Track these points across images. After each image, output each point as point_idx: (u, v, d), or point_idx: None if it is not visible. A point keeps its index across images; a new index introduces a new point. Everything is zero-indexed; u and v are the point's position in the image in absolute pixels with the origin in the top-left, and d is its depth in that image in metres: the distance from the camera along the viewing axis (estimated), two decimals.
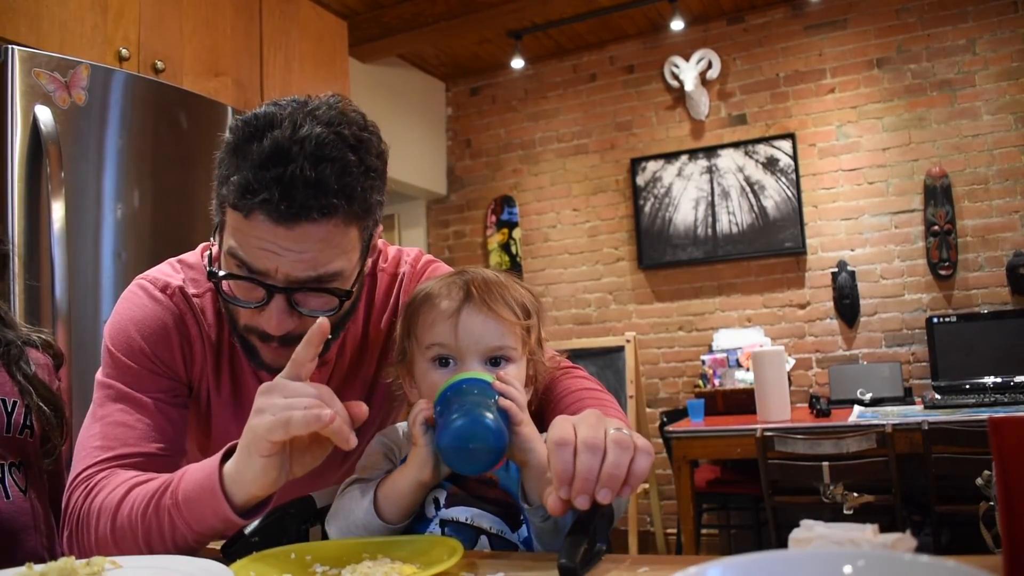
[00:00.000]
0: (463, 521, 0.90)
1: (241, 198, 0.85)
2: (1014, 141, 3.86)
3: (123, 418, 0.98)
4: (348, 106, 0.92)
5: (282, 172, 0.84)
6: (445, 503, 0.92)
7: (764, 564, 0.53)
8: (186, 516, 0.85)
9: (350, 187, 0.87)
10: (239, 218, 0.88)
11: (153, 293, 1.04)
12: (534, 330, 0.98)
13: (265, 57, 3.12)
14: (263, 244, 0.87)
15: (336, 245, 0.90)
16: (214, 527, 0.86)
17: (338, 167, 0.86)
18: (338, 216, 0.88)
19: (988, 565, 0.51)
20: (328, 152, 0.85)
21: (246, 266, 0.90)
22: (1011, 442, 0.53)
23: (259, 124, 0.87)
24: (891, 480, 2.82)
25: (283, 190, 0.84)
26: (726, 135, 4.42)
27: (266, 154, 0.84)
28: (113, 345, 1.02)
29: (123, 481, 0.92)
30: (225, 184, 0.89)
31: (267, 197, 0.84)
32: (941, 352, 3.71)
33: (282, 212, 0.84)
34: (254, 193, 0.84)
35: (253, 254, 0.89)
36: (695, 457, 3.40)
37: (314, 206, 0.85)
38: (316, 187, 0.85)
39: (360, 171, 0.88)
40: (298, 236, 0.87)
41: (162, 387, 1.02)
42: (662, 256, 4.48)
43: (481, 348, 0.93)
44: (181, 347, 1.03)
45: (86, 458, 0.97)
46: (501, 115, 4.98)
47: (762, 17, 4.37)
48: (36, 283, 1.91)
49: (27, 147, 1.94)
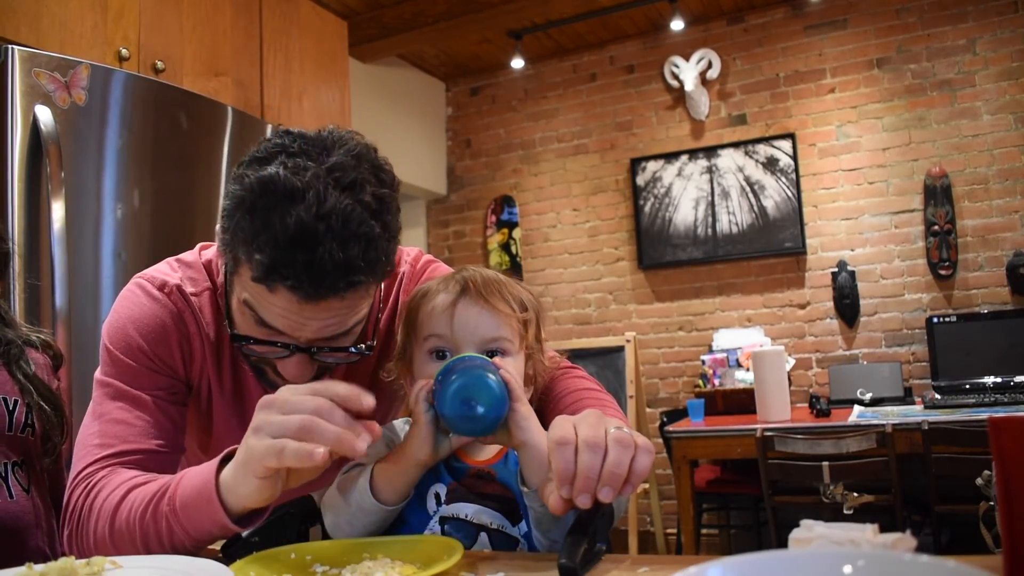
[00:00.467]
0: (464, 518, 0.90)
1: (266, 277, 0.84)
2: (1014, 141, 3.86)
3: (122, 415, 0.98)
4: (362, 147, 0.90)
5: (311, 257, 0.82)
6: (446, 499, 0.92)
7: (764, 564, 0.53)
8: (183, 522, 0.85)
9: (376, 260, 0.87)
10: (262, 290, 0.87)
11: (151, 292, 1.04)
12: (531, 326, 0.99)
13: (265, 57, 3.12)
14: (286, 315, 0.88)
15: (359, 309, 0.93)
16: (211, 532, 0.86)
17: (364, 243, 0.84)
18: (363, 287, 0.88)
19: (988, 565, 0.51)
20: (354, 228, 0.83)
21: (264, 323, 0.91)
22: (1011, 442, 0.53)
23: (279, 192, 0.83)
24: (891, 480, 2.82)
25: (311, 274, 0.83)
26: (726, 135, 4.42)
27: (291, 235, 0.82)
28: (111, 344, 1.02)
29: (122, 482, 0.92)
30: (242, 245, 0.86)
31: (295, 283, 0.83)
32: (941, 352, 3.71)
33: (309, 294, 0.84)
34: (282, 277, 0.83)
35: (275, 320, 0.90)
36: (695, 457, 3.40)
37: (341, 285, 0.85)
38: (344, 268, 0.84)
39: (384, 239, 0.88)
40: (323, 308, 0.87)
41: (161, 384, 1.02)
42: (662, 256, 4.48)
43: (476, 339, 0.94)
44: (180, 345, 1.03)
45: (86, 456, 0.97)
46: (501, 115, 4.98)
47: (762, 17, 4.37)
48: (36, 283, 1.91)
49: (27, 147, 1.94)
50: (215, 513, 0.83)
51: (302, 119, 3.30)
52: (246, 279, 0.88)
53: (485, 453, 0.97)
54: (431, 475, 0.94)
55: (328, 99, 3.48)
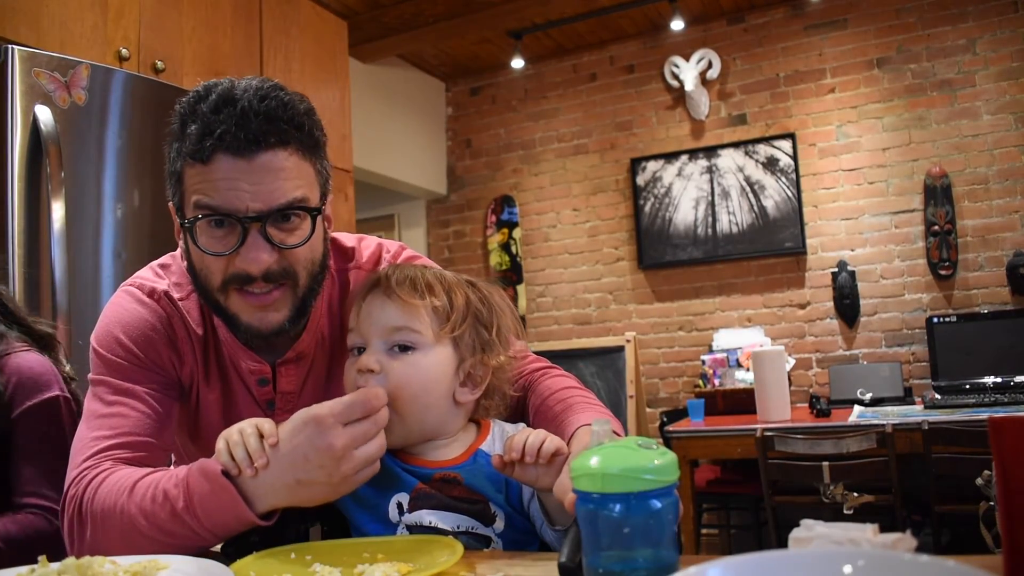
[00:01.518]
0: (427, 525, 0.90)
1: (200, 142, 0.91)
2: (1014, 141, 3.86)
3: (115, 409, 1.00)
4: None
5: (233, 110, 0.91)
6: (408, 507, 0.92)
7: (764, 564, 0.53)
8: (204, 521, 0.86)
9: (297, 118, 0.95)
10: (200, 168, 0.93)
11: (140, 297, 1.06)
12: (461, 324, 0.97)
13: (265, 57, 3.12)
14: (228, 183, 0.92)
15: (296, 176, 0.95)
16: (236, 529, 0.87)
17: (281, 103, 0.94)
18: (292, 145, 0.94)
19: (988, 565, 0.51)
20: (269, 93, 0.94)
21: (215, 210, 0.93)
22: (1011, 442, 0.53)
23: (200, 92, 0.95)
24: (891, 480, 2.82)
25: (238, 122, 0.90)
26: (726, 135, 4.42)
27: (214, 103, 0.92)
28: (100, 347, 1.04)
29: (126, 476, 0.92)
30: (180, 144, 0.95)
31: (224, 130, 0.90)
32: (941, 352, 3.71)
33: (241, 142, 0.91)
34: (211, 133, 0.91)
35: (220, 195, 0.92)
36: (695, 457, 3.40)
37: (270, 131, 0.92)
38: (267, 117, 0.92)
39: (303, 108, 0.97)
40: (259, 167, 0.92)
41: (151, 379, 1.04)
42: (662, 256, 4.48)
43: (379, 330, 0.94)
44: (168, 349, 1.05)
45: (83, 450, 0.98)
46: (501, 115, 4.98)
47: (762, 17, 4.37)
48: (36, 282, 1.91)
49: (27, 147, 1.94)
50: (245, 518, 0.85)
51: None
52: (189, 179, 0.95)
53: (447, 455, 0.96)
54: (391, 484, 0.93)
55: (328, 99, 3.48)
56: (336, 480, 0.83)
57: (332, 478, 0.83)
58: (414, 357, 0.93)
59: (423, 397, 0.94)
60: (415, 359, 0.93)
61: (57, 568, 0.75)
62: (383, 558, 0.81)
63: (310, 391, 1.14)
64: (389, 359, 0.93)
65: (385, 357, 0.93)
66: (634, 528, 0.61)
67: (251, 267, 0.94)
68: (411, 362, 0.93)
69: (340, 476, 0.83)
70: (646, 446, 0.65)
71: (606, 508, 0.61)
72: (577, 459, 0.65)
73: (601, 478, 0.62)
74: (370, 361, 0.92)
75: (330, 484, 0.84)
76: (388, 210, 5.16)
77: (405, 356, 0.93)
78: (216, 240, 0.95)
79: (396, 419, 0.91)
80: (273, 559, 0.81)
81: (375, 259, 1.18)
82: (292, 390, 1.11)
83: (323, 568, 0.78)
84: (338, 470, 0.83)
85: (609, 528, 0.61)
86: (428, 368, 0.94)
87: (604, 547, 0.62)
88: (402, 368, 0.92)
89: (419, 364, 0.93)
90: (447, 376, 0.96)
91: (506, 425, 1.02)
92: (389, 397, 0.89)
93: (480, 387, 0.99)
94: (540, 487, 0.86)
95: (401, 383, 0.92)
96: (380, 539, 0.87)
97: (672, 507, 0.63)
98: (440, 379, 0.95)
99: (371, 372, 0.92)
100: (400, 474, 0.94)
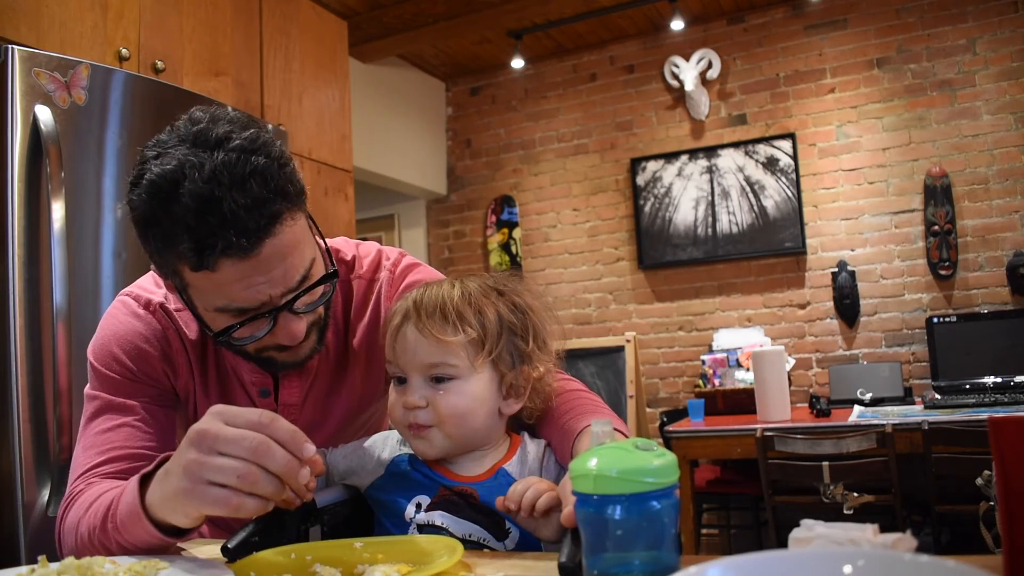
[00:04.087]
0: (440, 525, 0.91)
1: (200, 258, 0.86)
2: (1014, 141, 3.86)
3: (109, 425, 1.01)
4: (217, 113, 0.92)
5: (221, 214, 0.84)
6: (427, 508, 0.93)
7: (764, 564, 0.53)
8: (128, 539, 0.85)
9: (279, 185, 0.89)
10: (207, 276, 0.88)
11: (135, 310, 1.07)
12: (496, 344, 0.96)
13: (265, 57, 3.12)
14: (242, 284, 0.89)
15: (299, 242, 0.93)
16: (154, 545, 0.86)
17: (260, 178, 0.87)
18: (284, 215, 0.90)
19: (988, 565, 0.51)
20: (242, 171, 0.86)
21: (244, 311, 0.92)
22: (1011, 442, 0.53)
23: (164, 186, 0.85)
24: (891, 480, 2.82)
25: (232, 227, 0.85)
26: (726, 135, 4.42)
27: (194, 211, 0.84)
28: (96, 360, 1.05)
29: (90, 498, 0.93)
30: (167, 253, 0.89)
31: (225, 245, 0.85)
32: (941, 352, 3.71)
33: (244, 247, 0.86)
34: (212, 247, 0.85)
35: (243, 298, 0.90)
36: (695, 457, 3.40)
37: (263, 219, 0.87)
38: (255, 205, 0.86)
39: (276, 167, 0.90)
40: (266, 259, 0.89)
41: (146, 392, 1.05)
42: (662, 256, 4.48)
43: (418, 365, 0.95)
44: (163, 362, 1.06)
45: (76, 468, 1.00)
46: (501, 115, 4.98)
47: (762, 17, 4.37)
48: (36, 283, 1.91)
49: (27, 147, 1.94)
50: (151, 532, 0.83)
51: (302, 119, 3.29)
52: (195, 281, 0.90)
53: (472, 470, 0.97)
54: (415, 487, 0.96)
55: (328, 99, 3.48)
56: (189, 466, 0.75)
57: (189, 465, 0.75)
58: (456, 386, 0.94)
59: (471, 421, 0.95)
60: (457, 388, 0.94)
61: (57, 568, 0.75)
62: (383, 558, 0.81)
63: (312, 402, 1.14)
64: (431, 391, 0.95)
65: (427, 390, 0.95)
66: (634, 530, 0.61)
67: (290, 340, 0.97)
68: (454, 391, 0.94)
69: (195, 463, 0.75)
70: (645, 447, 0.64)
71: (605, 510, 0.61)
72: (576, 460, 0.65)
73: (600, 480, 0.61)
74: (414, 398, 0.94)
75: (185, 471, 0.75)
76: (388, 210, 5.16)
77: (447, 386, 0.94)
78: (248, 329, 0.95)
79: (443, 438, 0.95)
80: (273, 559, 0.81)
81: (375, 266, 1.18)
82: (294, 402, 1.11)
83: (323, 568, 0.78)
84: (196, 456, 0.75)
85: (608, 530, 0.61)
86: (471, 394, 0.95)
87: (604, 549, 0.62)
88: (445, 398, 0.94)
89: (462, 392, 0.94)
90: (491, 396, 0.97)
91: (529, 444, 1.02)
92: (437, 423, 0.93)
93: (523, 397, 1.00)
94: (539, 537, 0.87)
95: (446, 413, 0.94)
96: (380, 539, 0.87)
97: (672, 508, 0.62)
98: (484, 400, 0.96)
99: (418, 408, 0.94)
100: (423, 480, 0.96)
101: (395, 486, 0.97)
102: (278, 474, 0.75)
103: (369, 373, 1.16)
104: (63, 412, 1.86)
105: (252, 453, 0.74)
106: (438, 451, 0.95)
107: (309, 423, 1.14)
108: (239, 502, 0.74)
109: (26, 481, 1.85)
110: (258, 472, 0.74)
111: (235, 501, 0.74)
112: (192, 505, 0.76)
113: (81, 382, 1.82)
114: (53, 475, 1.87)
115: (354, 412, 1.18)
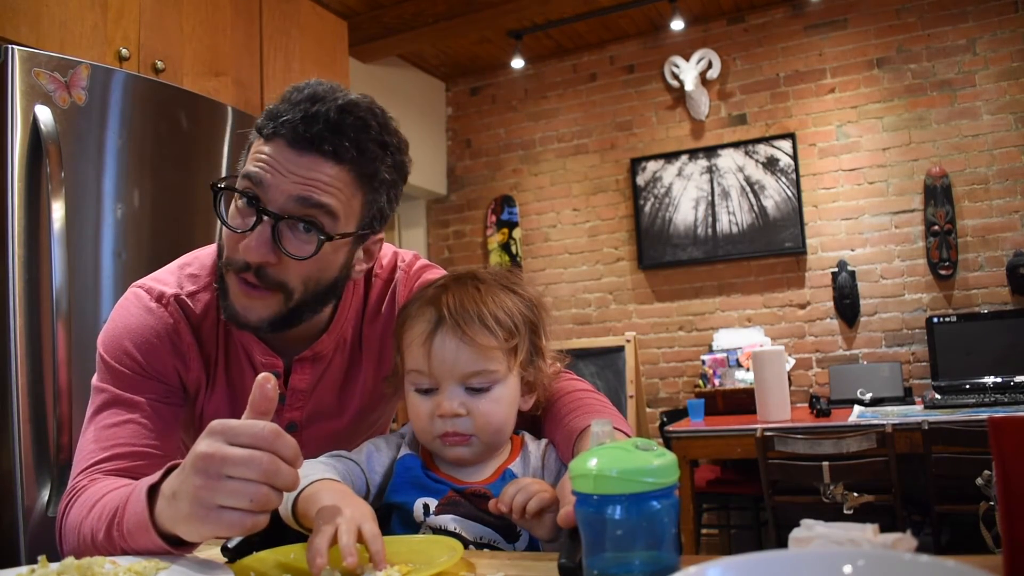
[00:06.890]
0: (452, 530, 0.90)
1: (267, 120, 0.94)
2: (1014, 141, 3.86)
3: (115, 420, 1.00)
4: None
5: (309, 107, 0.92)
6: (436, 511, 0.92)
7: (764, 564, 0.53)
8: (134, 547, 0.84)
9: (364, 144, 0.94)
10: (260, 142, 0.95)
11: (147, 304, 1.05)
12: (524, 341, 0.97)
13: (265, 57, 3.12)
14: (274, 165, 0.92)
15: (336, 189, 0.94)
16: (158, 554, 0.84)
17: (360, 124, 0.94)
18: (346, 165, 0.93)
19: (988, 565, 0.51)
20: (355, 111, 0.94)
21: (249, 179, 0.94)
22: (1011, 442, 0.53)
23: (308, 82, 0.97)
24: (891, 480, 2.82)
25: (305, 120, 0.91)
26: (726, 135, 4.42)
27: (302, 95, 0.94)
28: (106, 352, 1.04)
29: (94, 496, 0.92)
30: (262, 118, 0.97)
31: (289, 119, 0.92)
32: (941, 352, 3.71)
33: (298, 135, 0.91)
34: (278, 117, 0.93)
35: (262, 167, 0.93)
36: (695, 457, 3.40)
37: (328, 141, 0.92)
38: (335, 129, 0.92)
39: (378, 140, 0.96)
40: (304, 165, 0.92)
41: (154, 389, 1.04)
42: (662, 256, 4.48)
43: (456, 374, 0.92)
44: (174, 357, 1.05)
45: (80, 463, 0.99)
46: (501, 115, 4.98)
47: (762, 17, 4.37)
48: (36, 283, 1.91)
49: (27, 147, 1.94)
50: (159, 544, 0.82)
51: None
52: (252, 150, 0.96)
53: (479, 473, 0.97)
54: (421, 489, 0.94)
55: None
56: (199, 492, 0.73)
57: (198, 492, 0.73)
58: (494, 393, 0.93)
59: (507, 425, 0.96)
60: (495, 395, 0.93)
61: (57, 568, 0.75)
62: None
63: (322, 391, 1.14)
64: (469, 399, 0.92)
65: (465, 397, 0.92)
66: (633, 530, 0.61)
67: (249, 256, 0.94)
68: (492, 398, 0.93)
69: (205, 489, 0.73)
70: (645, 447, 0.64)
71: (605, 510, 0.61)
72: (576, 460, 0.65)
73: (600, 480, 0.61)
74: (453, 406, 0.92)
75: (196, 499, 0.73)
76: None
77: (486, 394, 0.93)
78: (237, 214, 0.96)
79: (481, 445, 0.94)
80: (273, 559, 0.81)
81: (391, 266, 1.18)
82: (304, 388, 1.11)
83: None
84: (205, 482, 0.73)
85: (608, 530, 0.61)
86: (507, 398, 0.95)
87: (604, 549, 0.62)
88: (485, 406, 0.93)
89: (500, 399, 0.93)
90: (518, 396, 0.97)
91: (530, 444, 1.01)
92: (476, 430, 0.92)
93: (536, 392, 1.00)
94: (536, 537, 0.87)
95: (485, 420, 0.93)
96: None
97: (672, 508, 0.62)
98: (515, 402, 0.96)
99: (456, 416, 0.92)
100: (431, 484, 0.95)
101: (403, 489, 0.96)
102: (285, 490, 0.75)
103: (379, 372, 1.16)
104: (63, 412, 1.85)
105: (262, 475, 0.72)
106: (472, 457, 0.95)
107: (323, 412, 1.15)
108: (253, 522, 0.74)
109: (26, 481, 1.85)
110: (269, 492, 0.73)
111: (249, 522, 0.73)
112: (207, 530, 0.75)
113: (81, 382, 1.82)
114: (53, 475, 1.87)
115: (368, 408, 1.19)
